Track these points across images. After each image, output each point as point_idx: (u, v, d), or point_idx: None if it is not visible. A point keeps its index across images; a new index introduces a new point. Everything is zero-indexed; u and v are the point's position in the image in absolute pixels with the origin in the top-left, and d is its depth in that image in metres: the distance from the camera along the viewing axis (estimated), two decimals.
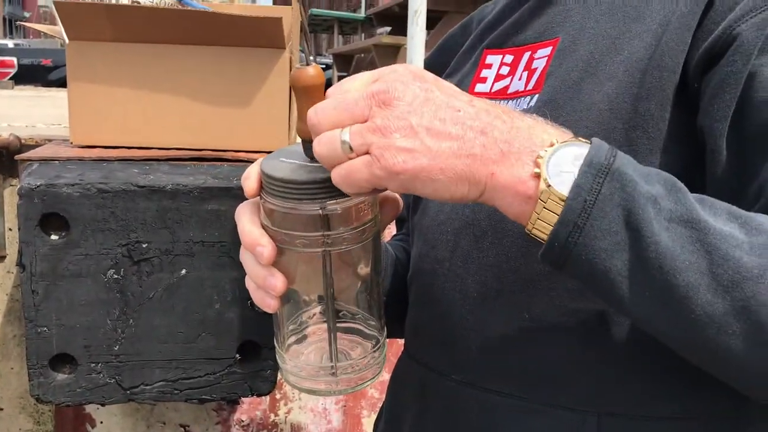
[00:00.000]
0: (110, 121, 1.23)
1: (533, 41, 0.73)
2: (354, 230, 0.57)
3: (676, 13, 0.62)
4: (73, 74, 1.23)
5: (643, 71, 0.61)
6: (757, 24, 0.56)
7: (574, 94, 0.66)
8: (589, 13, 0.69)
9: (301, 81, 0.57)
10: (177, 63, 1.24)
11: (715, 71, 0.58)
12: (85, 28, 1.19)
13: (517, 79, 0.73)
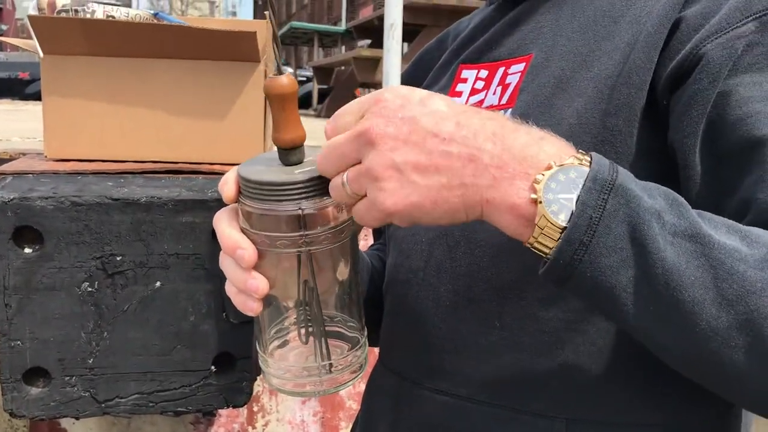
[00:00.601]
0: (85, 135, 1.24)
1: (507, 57, 0.75)
2: (332, 230, 0.58)
3: (643, 32, 0.63)
4: (47, 88, 1.23)
5: (611, 88, 0.63)
6: (723, 44, 0.58)
7: (545, 109, 0.67)
8: (561, 31, 0.71)
9: (274, 89, 0.58)
10: (152, 77, 1.24)
11: (684, 89, 0.60)
12: (60, 43, 1.19)
13: (492, 93, 0.75)
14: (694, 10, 0.61)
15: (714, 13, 0.60)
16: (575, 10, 0.71)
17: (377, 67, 2.08)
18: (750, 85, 0.57)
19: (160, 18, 1.35)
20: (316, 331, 0.62)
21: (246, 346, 1.08)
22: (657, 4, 0.64)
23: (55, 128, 1.23)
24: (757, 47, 0.58)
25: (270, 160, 0.60)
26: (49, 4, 1.24)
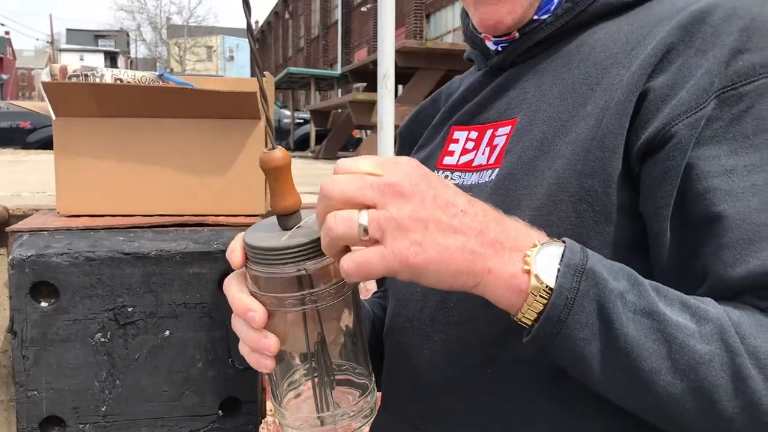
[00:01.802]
0: (95, 192, 1.30)
1: (495, 120, 0.82)
2: (335, 285, 0.64)
3: (614, 99, 0.69)
4: (59, 148, 1.30)
5: (586, 150, 0.69)
6: (692, 123, 0.63)
7: (529, 170, 0.73)
8: (543, 97, 0.77)
9: (269, 163, 0.64)
10: (158, 135, 1.32)
11: (656, 162, 0.65)
12: (71, 106, 1.27)
13: (481, 153, 0.81)
14: (661, 81, 0.66)
15: (680, 85, 0.65)
16: (556, 77, 0.77)
17: (373, 109, 2.15)
18: (709, 158, 0.63)
19: (165, 79, 1.42)
20: (327, 381, 0.67)
21: (251, 391, 1.13)
22: (627, 73, 0.69)
23: (66, 186, 1.30)
24: (716, 122, 0.63)
25: (271, 226, 0.66)
26: (60, 70, 1.31)
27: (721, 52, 0.65)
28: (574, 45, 0.78)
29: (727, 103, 0.64)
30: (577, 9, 0.78)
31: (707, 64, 0.65)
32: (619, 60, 0.72)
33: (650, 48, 0.68)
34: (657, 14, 0.73)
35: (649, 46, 0.69)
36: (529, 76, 0.81)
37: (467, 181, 0.81)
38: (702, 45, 0.66)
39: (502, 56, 0.84)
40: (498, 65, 0.85)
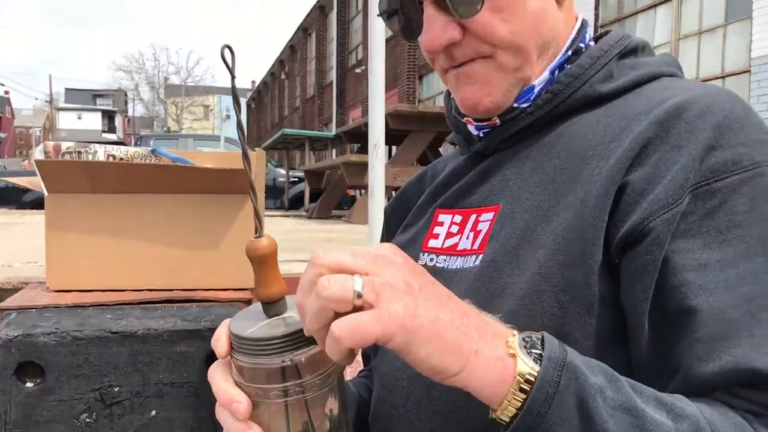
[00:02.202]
0: (85, 267, 1.31)
1: (478, 205, 0.83)
2: (320, 375, 0.63)
3: (594, 192, 0.70)
4: (50, 224, 1.31)
5: (568, 241, 0.70)
6: (668, 219, 0.64)
7: (512, 258, 0.74)
8: (525, 185, 0.78)
9: (255, 251, 0.65)
10: (150, 210, 1.33)
11: (635, 256, 0.66)
12: (64, 183, 1.29)
13: (465, 238, 0.82)
14: (639, 175, 0.68)
15: (657, 180, 0.67)
16: (537, 166, 0.79)
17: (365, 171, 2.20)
18: (684, 252, 0.64)
19: (158, 154, 1.45)
20: None
21: None
22: (606, 165, 0.71)
23: (56, 262, 1.31)
24: (691, 216, 0.65)
25: (256, 314, 0.67)
26: (54, 147, 1.34)
27: (696, 148, 0.66)
28: (554, 135, 0.80)
29: (701, 198, 0.65)
30: (557, 100, 0.80)
31: (683, 160, 0.66)
32: (598, 152, 0.73)
33: (628, 142, 0.70)
34: (634, 108, 0.75)
35: (626, 140, 0.71)
36: (511, 163, 0.83)
37: (452, 265, 0.82)
38: (678, 141, 0.67)
39: (485, 142, 0.86)
40: (481, 151, 0.87)
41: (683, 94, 0.71)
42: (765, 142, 0.69)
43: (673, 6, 8.93)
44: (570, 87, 0.80)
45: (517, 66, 0.80)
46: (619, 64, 0.81)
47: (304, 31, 29.62)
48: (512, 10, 0.77)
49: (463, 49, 0.79)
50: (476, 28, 0.77)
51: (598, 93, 0.80)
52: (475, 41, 0.78)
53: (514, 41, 0.78)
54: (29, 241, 2.90)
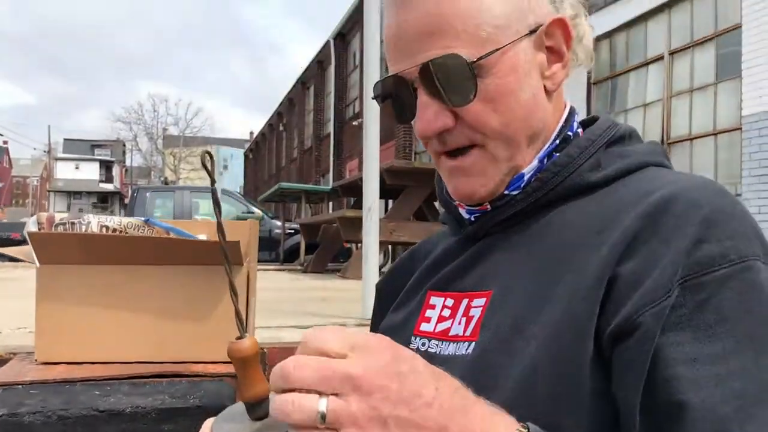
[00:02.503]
0: (74, 339, 1.30)
1: (470, 289, 0.82)
2: None
3: (584, 284, 0.70)
4: (41, 295, 1.31)
5: (559, 334, 0.69)
6: (657, 313, 0.64)
7: (504, 349, 0.73)
8: (516, 271, 0.78)
9: (237, 353, 0.65)
10: (140, 281, 1.33)
11: (625, 349, 0.66)
12: (56, 254, 1.29)
13: (457, 323, 0.81)
14: (629, 268, 0.68)
15: (646, 274, 0.67)
16: (528, 253, 0.79)
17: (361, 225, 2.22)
18: (674, 345, 0.64)
19: (151, 224, 1.46)
20: None
21: None
22: (596, 257, 0.71)
23: (46, 334, 1.30)
24: (680, 309, 0.65)
25: (241, 415, 0.66)
26: (47, 219, 1.34)
27: (684, 242, 0.67)
28: (544, 221, 0.81)
29: (689, 291, 0.66)
30: (546, 188, 0.81)
31: (671, 254, 0.67)
32: (588, 242, 0.74)
33: (617, 234, 0.71)
34: (622, 198, 0.76)
35: (616, 232, 0.71)
36: (502, 248, 0.83)
37: (444, 351, 0.82)
38: (666, 234, 0.68)
39: (476, 226, 0.87)
40: (472, 234, 0.88)
41: (670, 187, 0.73)
42: (752, 235, 0.70)
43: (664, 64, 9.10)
44: (559, 176, 0.81)
45: (509, 156, 0.81)
46: (607, 152, 0.82)
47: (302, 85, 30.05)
48: (504, 102, 0.78)
49: (456, 136, 0.80)
50: (468, 117, 0.79)
51: (587, 182, 0.81)
52: (467, 129, 0.80)
53: (505, 132, 0.79)
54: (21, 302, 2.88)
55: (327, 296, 3.47)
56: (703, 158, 8.36)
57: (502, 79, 0.78)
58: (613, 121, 0.87)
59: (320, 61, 26.87)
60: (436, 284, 0.89)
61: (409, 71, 0.79)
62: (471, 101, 0.78)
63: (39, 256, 1.31)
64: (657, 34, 9.31)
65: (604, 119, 0.87)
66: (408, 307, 0.93)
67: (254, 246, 1.48)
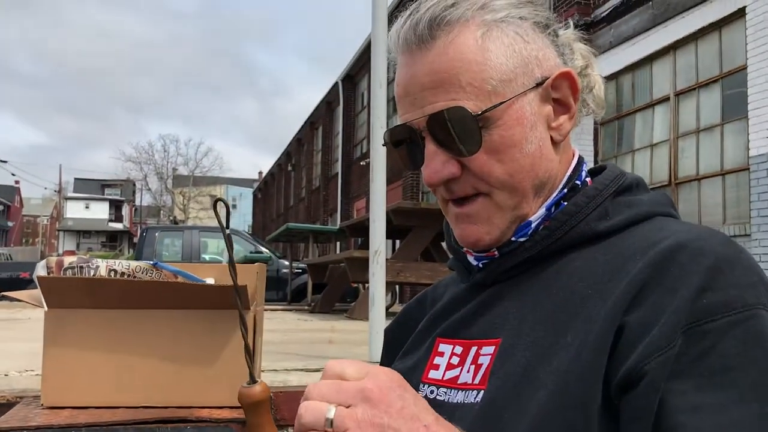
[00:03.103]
0: (81, 383, 1.30)
1: (479, 337, 0.83)
2: None
3: (593, 333, 0.71)
4: (49, 339, 1.31)
5: (567, 383, 0.70)
6: (663, 362, 0.65)
7: (513, 397, 0.74)
8: (525, 319, 0.79)
9: (249, 398, 0.65)
10: (148, 326, 1.34)
11: (632, 398, 0.67)
12: (64, 299, 1.30)
13: (466, 371, 0.82)
14: (636, 318, 0.69)
15: (653, 323, 0.68)
16: (536, 302, 0.80)
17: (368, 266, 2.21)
18: (678, 393, 0.64)
19: (159, 267, 1.47)
20: None
21: None
22: (604, 306, 0.72)
23: (53, 378, 1.30)
24: (684, 356, 0.66)
25: None
26: (57, 263, 1.36)
27: (688, 291, 0.67)
28: (553, 270, 0.81)
29: (693, 339, 0.66)
30: (554, 236, 0.82)
31: (676, 303, 0.67)
32: (596, 291, 0.74)
33: (625, 283, 0.72)
34: (630, 246, 0.76)
35: (624, 281, 0.72)
36: (511, 296, 0.83)
37: (453, 399, 0.82)
38: (672, 284, 0.69)
39: (484, 274, 0.87)
40: (480, 281, 0.88)
41: (676, 236, 0.73)
42: (756, 284, 0.70)
43: (670, 105, 9.16)
44: (567, 224, 0.82)
45: (514, 204, 0.82)
46: (615, 202, 0.83)
47: (311, 125, 30.35)
48: (509, 153, 0.80)
49: (462, 185, 0.82)
50: (474, 167, 0.80)
51: (594, 231, 0.81)
52: (473, 178, 0.81)
53: (509, 182, 0.81)
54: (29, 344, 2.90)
55: (334, 338, 3.46)
56: (712, 198, 8.35)
57: (507, 131, 0.79)
58: (621, 170, 0.88)
59: (329, 102, 27.17)
60: (445, 331, 0.89)
61: (416, 121, 0.80)
62: (476, 152, 0.79)
63: (47, 300, 1.32)
64: (663, 76, 9.38)
65: (612, 169, 0.88)
66: (416, 354, 0.93)
67: (261, 289, 1.49)
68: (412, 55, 0.81)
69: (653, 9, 9.14)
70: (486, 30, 0.80)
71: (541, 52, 0.83)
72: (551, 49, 0.84)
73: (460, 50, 0.79)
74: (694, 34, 8.61)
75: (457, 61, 0.79)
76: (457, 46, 0.79)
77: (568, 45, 0.88)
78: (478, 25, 0.80)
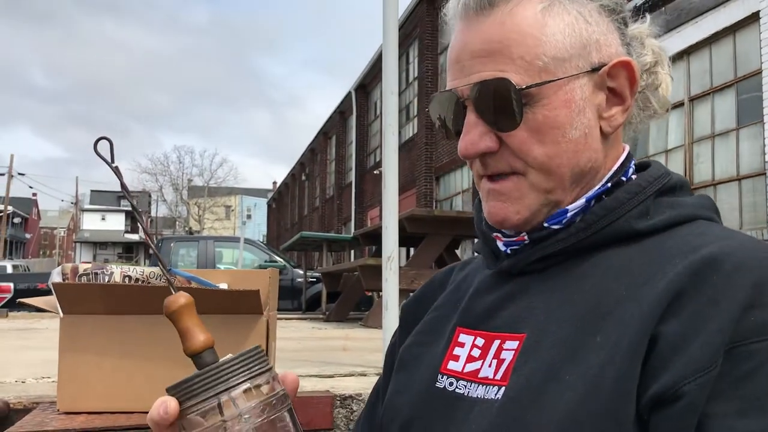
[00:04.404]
0: (96, 389, 1.31)
1: (502, 330, 0.79)
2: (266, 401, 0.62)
3: (626, 338, 0.67)
4: (64, 345, 1.33)
5: (599, 389, 0.66)
6: (703, 384, 0.61)
7: (537, 397, 0.70)
8: (552, 316, 0.75)
9: (170, 307, 0.65)
10: (162, 331, 1.34)
11: (667, 418, 0.63)
12: (80, 305, 1.31)
13: (487, 365, 0.78)
14: (672, 328, 0.66)
15: (691, 337, 0.64)
16: (566, 298, 0.76)
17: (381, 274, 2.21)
18: (718, 416, 0.61)
19: (173, 273, 1.48)
20: None
21: None
22: (638, 310, 0.68)
23: (68, 384, 1.31)
24: (726, 377, 0.62)
25: None
26: (72, 269, 1.37)
27: (733, 307, 0.64)
28: (585, 267, 0.78)
29: (737, 359, 0.63)
30: (589, 231, 0.78)
31: (719, 320, 0.64)
32: (632, 292, 0.71)
33: (661, 289, 0.69)
34: (669, 249, 0.73)
35: (660, 286, 0.69)
36: (538, 289, 0.80)
37: (473, 393, 0.78)
38: (713, 294, 0.66)
39: (512, 261, 0.83)
40: (507, 269, 0.84)
41: (719, 243, 0.70)
42: None
43: (684, 110, 9.12)
44: (604, 219, 0.78)
45: (549, 189, 0.79)
46: (657, 201, 0.80)
47: (324, 135, 30.48)
48: (550, 134, 0.77)
49: (497, 160, 0.79)
50: (512, 143, 0.77)
51: (634, 229, 0.78)
52: (509, 155, 0.78)
53: (547, 164, 0.77)
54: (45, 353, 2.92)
55: (348, 345, 3.45)
56: (728, 203, 8.29)
57: (551, 111, 0.76)
58: (666, 170, 0.83)
59: (342, 112, 27.29)
60: (466, 321, 0.85)
61: (462, 89, 0.78)
62: (515, 128, 0.76)
63: (63, 307, 1.33)
64: (676, 81, 9.34)
65: (657, 167, 0.84)
66: (434, 342, 0.88)
67: (274, 294, 1.49)
68: (469, 22, 0.79)
69: (666, 14, 9.11)
70: (548, 5, 0.77)
71: (603, 37, 0.79)
72: (615, 35, 0.81)
73: (518, 22, 0.76)
74: (707, 39, 8.58)
75: (513, 33, 0.76)
76: (515, 17, 0.76)
77: (639, 39, 0.85)
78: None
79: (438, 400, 0.79)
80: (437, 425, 0.77)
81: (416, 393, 0.82)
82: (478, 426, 0.67)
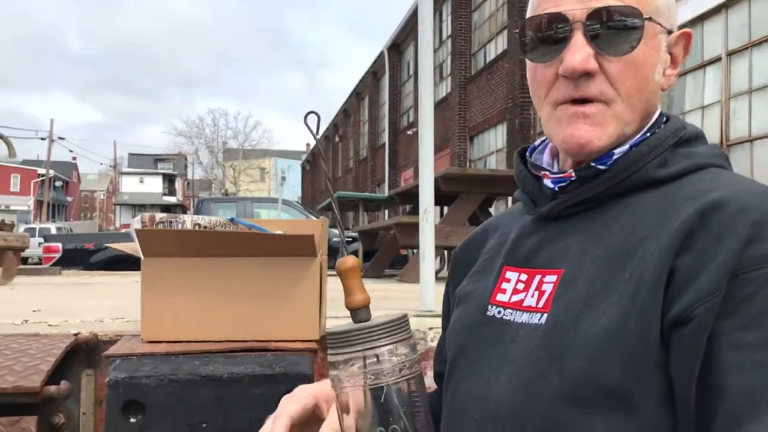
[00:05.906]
0: (174, 321, 1.51)
1: (542, 267, 0.90)
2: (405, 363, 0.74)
3: (649, 271, 0.76)
4: (146, 284, 1.53)
5: (629, 315, 0.76)
6: (710, 307, 0.71)
7: (576, 322, 0.81)
8: (586, 254, 0.84)
9: (341, 266, 0.81)
10: (228, 272, 1.54)
11: (682, 337, 0.72)
12: (157, 248, 1.50)
13: (530, 296, 0.89)
14: (685, 262, 0.75)
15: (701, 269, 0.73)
16: (597, 239, 0.87)
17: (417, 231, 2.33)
18: (722, 333, 0.72)
19: (236, 222, 1.66)
20: None
21: None
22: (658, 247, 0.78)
23: (150, 317, 1.52)
24: (730, 300, 0.73)
25: None
26: (149, 218, 1.57)
27: (735, 242, 0.73)
28: (614, 211, 0.88)
29: (739, 285, 0.72)
30: (617, 179, 0.88)
31: (723, 253, 0.73)
32: (652, 233, 0.80)
33: (676, 228, 0.78)
34: (683, 194, 0.82)
35: (675, 225, 0.78)
36: (573, 231, 0.91)
37: (518, 319, 0.89)
38: (719, 232, 0.74)
39: (550, 207, 0.94)
40: (545, 214, 0.95)
41: (726, 188, 0.80)
42: None
43: (722, 66, 9.01)
44: (628, 170, 0.88)
45: (629, 121, 0.88)
46: (674, 152, 0.90)
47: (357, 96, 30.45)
48: (643, 71, 0.87)
49: (591, 84, 0.86)
50: (611, 71, 0.85)
51: (653, 178, 0.88)
52: (604, 83, 0.86)
53: (635, 97, 0.86)
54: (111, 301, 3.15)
55: (388, 296, 3.65)
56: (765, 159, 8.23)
57: (648, 51, 0.85)
58: (683, 123, 0.93)
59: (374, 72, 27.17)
60: (512, 260, 0.96)
61: (575, 12, 0.84)
62: (629, 53, 0.84)
63: (143, 250, 1.52)
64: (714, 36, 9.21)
65: (674, 121, 0.93)
66: (483, 278, 0.99)
67: (324, 241, 1.67)
68: None
69: None
70: None
71: (674, 6, 0.89)
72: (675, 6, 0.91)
73: None
74: None
75: None
76: None
77: None
78: None
79: (488, 325, 0.90)
80: (488, 346, 0.88)
81: (470, 321, 0.94)
82: (525, 346, 0.79)
